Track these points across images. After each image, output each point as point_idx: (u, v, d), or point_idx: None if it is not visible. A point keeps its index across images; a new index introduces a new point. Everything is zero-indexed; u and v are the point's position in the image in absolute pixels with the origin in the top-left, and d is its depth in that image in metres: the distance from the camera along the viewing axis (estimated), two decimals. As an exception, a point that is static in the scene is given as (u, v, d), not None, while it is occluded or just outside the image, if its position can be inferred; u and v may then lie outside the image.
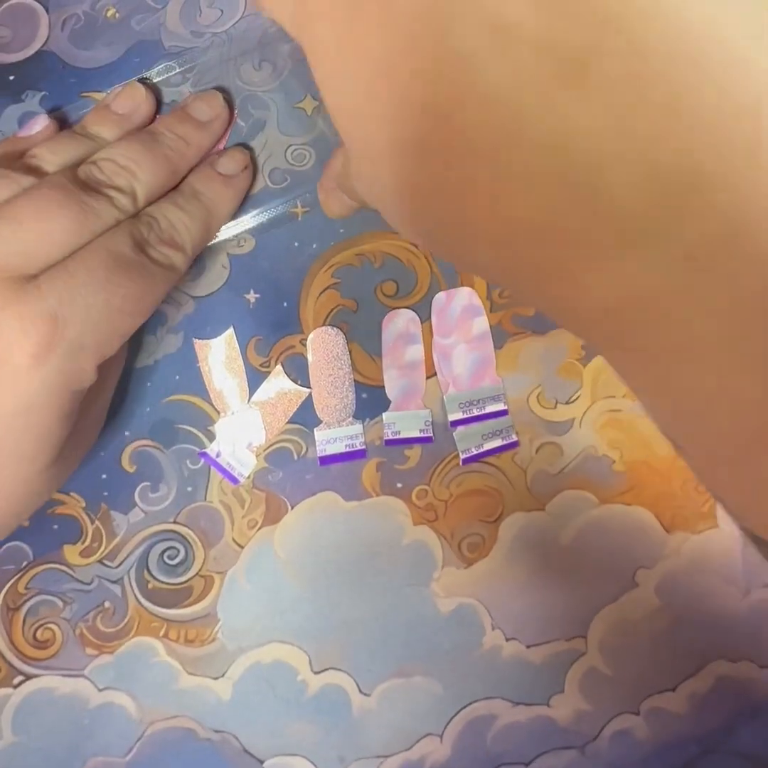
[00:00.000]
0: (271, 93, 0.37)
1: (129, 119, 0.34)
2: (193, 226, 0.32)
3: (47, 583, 0.35)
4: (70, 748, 0.35)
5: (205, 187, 0.33)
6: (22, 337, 0.26)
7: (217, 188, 0.34)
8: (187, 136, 0.33)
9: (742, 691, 0.35)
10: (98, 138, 0.33)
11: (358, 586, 0.35)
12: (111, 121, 0.34)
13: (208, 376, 0.36)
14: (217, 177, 0.34)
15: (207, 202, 0.33)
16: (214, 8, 0.38)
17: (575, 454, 0.35)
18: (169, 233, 0.31)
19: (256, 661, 0.35)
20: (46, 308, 0.26)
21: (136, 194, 0.31)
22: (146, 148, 0.32)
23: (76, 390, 0.28)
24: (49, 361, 0.26)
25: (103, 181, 0.30)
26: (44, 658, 0.35)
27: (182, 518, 0.35)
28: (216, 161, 0.34)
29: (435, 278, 0.36)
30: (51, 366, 0.27)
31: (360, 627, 0.35)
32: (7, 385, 0.26)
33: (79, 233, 0.28)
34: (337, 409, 0.35)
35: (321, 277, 0.36)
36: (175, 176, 0.33)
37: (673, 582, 0.35)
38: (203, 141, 0.34)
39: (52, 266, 0.27)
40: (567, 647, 0.35)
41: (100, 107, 0.34)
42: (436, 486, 0.35)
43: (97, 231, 0.29)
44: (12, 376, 0.26)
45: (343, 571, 0.35)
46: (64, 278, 0.27)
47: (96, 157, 0.31)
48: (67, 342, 0.27)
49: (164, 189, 0.32)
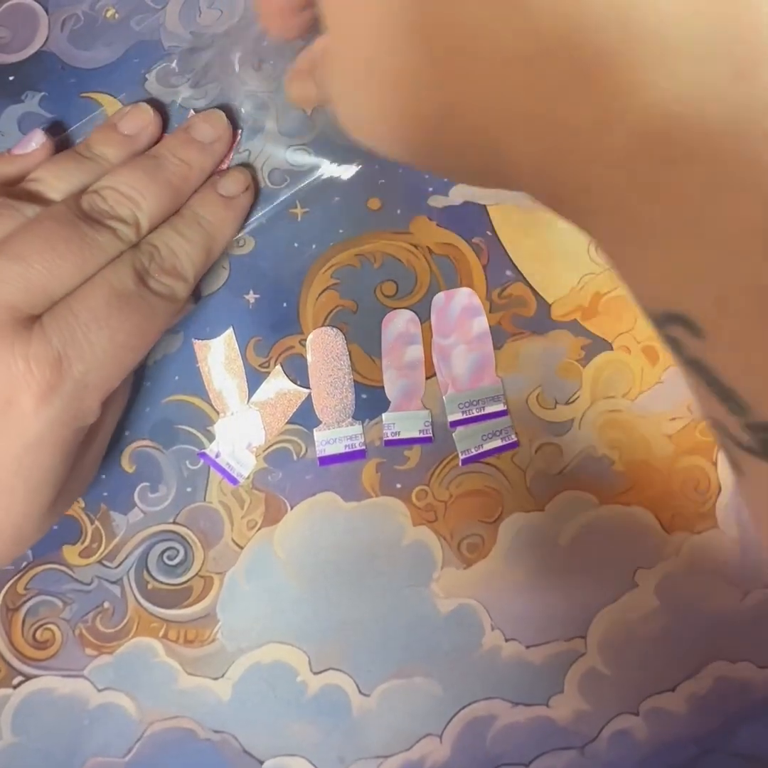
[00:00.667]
0: (271, 93, 0.37)
1: (135, 141, 0.34)
2: (195, 253, 0.32)
3: (47, 584, 0.35)
4: (69, 748, 0.35)
5: (207, 210, 0.33)
6: (29, 378, 0.26)
7: (219, 211, 0.33)
8: (190, 160, 0.33)
9: (742, 692, 0.35)
10: (102, 159, 0.33)
11: (358, 586, 0.35)
12: (117, 142, 0.33)
13: (207, 377, 0.36)
14: (218, 200, 0.34)
15: (208, 227, 0.33)
16: (214, 8, 0.38)
17: (575, 454, 0.35)
18: (170, 262, 0.31)
19: (255, 661, 0.35)
20: (51, 350, 0.27)
21: (139, 224, 0.31)
22: (149, 175, 0.32)
23: (80, 427, 0.29)
24: (54, 401, 0.27)
25: (107, 212, 0.30)
26: (44, 658, 0.35)
27: (182, 519, 0.35)
28: (217, 182, 0.34)
29: (434, 278, 0.36)
30: (57, 406, 0.27)
31: (360, 627, 0.35)
32: (15, 427, 0.27)
33: (83, 269, 0.28)
34: (337, 409, 0.35)
35: (321, 278, 0.36)
36: (178, 201, 0.33)
37: (672, 582, 0.35)
38: (206, 163, 0.34)
39: (56, 303, 0.28)
40: (566, 647, 0.35)
41: (107, 127, 0.34)
42: (435, 486, 0.35)
43: (101, 264, 0.29)
44: (19, 417, 0.27)
45: (342, 571, 0.35)
46: (68, 318, 0.27)
47: (99, 185, 0.31)
48: (73, 381, 0.27)
49: (167, 214, 0.32)
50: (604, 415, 0.36)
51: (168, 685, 0.35)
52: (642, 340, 0.36)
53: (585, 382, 0.36)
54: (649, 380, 0.36)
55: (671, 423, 0.36)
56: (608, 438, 0.36)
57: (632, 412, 0.36)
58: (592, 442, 0.35)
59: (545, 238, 0.37)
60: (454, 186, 0.37)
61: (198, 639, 0.35)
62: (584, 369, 0.36)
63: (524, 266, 0.37)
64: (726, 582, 0.35)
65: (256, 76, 0.38)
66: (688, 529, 0.35)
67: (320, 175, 0.36)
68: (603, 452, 0.35)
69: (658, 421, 0.36)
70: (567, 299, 0.36)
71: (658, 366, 0.36)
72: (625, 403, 0.36)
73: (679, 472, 0.35)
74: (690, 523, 0.35)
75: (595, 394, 0.36)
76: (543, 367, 0.36)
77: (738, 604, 0.35)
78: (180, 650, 0.35)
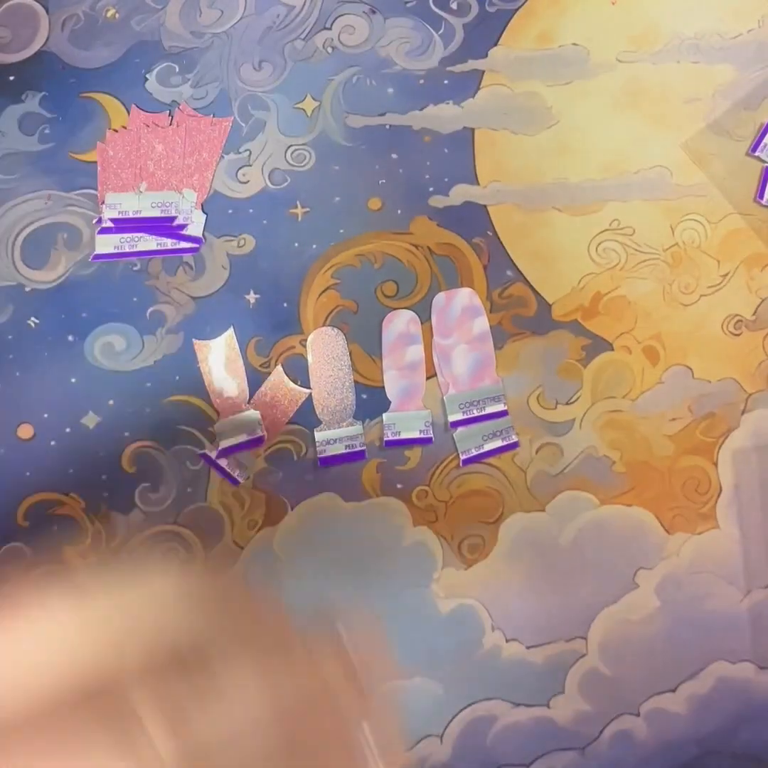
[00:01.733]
0: (271, 93, 0.37)
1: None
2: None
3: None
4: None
5: None
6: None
7: None
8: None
9: (742, 693, 0.35)
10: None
11: (358, 586, 0.35)
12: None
13: (208, 377, 0.35)
14: None
15: None
16: (214, 8, 0.38)
17: (575, 454, 0.35)
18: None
19: (256, 661, 0.35)
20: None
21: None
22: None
23: None
24: None
25: None
26: (44, 658, 0.35)
27: (182, 519, 0.35)
28: None
29: (435, 279, 0.36)
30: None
31: (360, 627, 0.35)
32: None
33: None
34: (337, 409, 0.35)
35: (321, 278, 0.36)
36: None
37: (673, 583, 0.35)
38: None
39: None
40: (567, 648, 0.35)
41: None
42: (436, 487, 0.35)
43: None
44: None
45: (342, 571, 0.35)
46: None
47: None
48: None
49: None
50: (605, 416, 0.36)
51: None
52: (643, 340, 0.36)
53: (586, 382, 0.36)
54: (649, 380, 0.36)
55: (672, 423, 0.36)
56: (609, 438, 0.36)
57: (633, 412, 0.36)
58: (592, 442, 0.35)
59: (545, 238, 0.37)
60: (455, 186, 0.37)
61: (198, 639, 0.35)
62: (585, 369, 0.36)
63: (524, 266, 0.37)
64: (726, 582, 0.35)
65: (256, 76, 0.38)
66: (689, 529, 0.35)
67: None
68: (604, 452, 0.35)
69: (659, 421, 0.36)
70: (567, 299, 0.36)
71: (659, 366, 0.36)
72: (625, 403, 0.36)
73: (680, 473, 0.35)
74: (690, 524, 0.35)
75: (596, 395, 0.36)
76: (543, 367, 0.36)
77: (738, 604, 0.35)
78: (180, 650, 0.35)
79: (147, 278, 0.36)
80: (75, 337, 0.36)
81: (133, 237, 0.36)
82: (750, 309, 0.36)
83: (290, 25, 0.38)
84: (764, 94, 0.38)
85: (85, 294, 0.36)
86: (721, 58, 0.38)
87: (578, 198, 0.37)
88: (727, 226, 0.37)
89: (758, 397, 0.36)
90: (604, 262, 0.37)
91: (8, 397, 0.35)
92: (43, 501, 0.35)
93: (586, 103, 0.38)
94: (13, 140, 0.37)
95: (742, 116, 0.38)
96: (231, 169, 0.37)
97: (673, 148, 0.38)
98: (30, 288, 0.36)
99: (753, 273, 0.37)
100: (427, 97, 0.38)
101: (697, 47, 0.38)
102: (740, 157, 0.37)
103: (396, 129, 0.37)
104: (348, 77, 0.38)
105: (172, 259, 0.36)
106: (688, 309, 0.36)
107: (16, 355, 0.36)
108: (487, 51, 0.38)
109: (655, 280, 0.36)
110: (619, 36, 0.38)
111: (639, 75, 0.38)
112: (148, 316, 0.36)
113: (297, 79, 0.38)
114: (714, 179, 0.37)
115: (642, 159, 0.37)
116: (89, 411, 0.35)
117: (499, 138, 0.38)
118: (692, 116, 0.38)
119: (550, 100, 0.38)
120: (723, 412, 0.36)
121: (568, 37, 0.38)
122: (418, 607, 0.35)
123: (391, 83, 0.38)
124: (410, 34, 0.38)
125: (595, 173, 0.37)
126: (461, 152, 0.37)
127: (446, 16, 0.38)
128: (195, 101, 0.37)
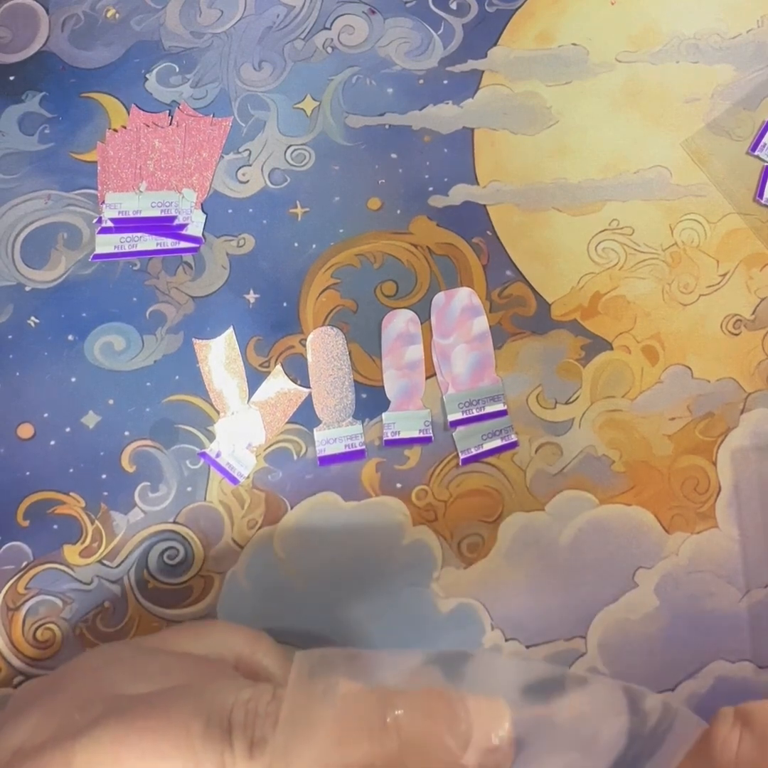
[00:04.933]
0: (271, 93, 0.38)
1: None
2: None
3: (47, 583, 0.35)
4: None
5: None
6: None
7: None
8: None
9: (742, 692, 0.35)
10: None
11: (358, 586, 0.35)
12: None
13: (208, 376, 0.36)
14: None
15: None
16: (214, 8, 0.38)
17: (575, 454, 0.35)
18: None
19: (255, 661, 0.35)
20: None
21: None
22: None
23: None
24: None
25: None
26: (44, 658, 0.35)
27: (182, 518, 0.35)
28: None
29: (435, 278, 0.36)
30: None
31: (360, 627, 0.35)
32: None
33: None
34: (337, 409, 0.35)
35: (321, 278, 0.36)
36: None
37: (672, 582, 0.35)
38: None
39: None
40: (567, 647, 0.35)
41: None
42: (435, 486, 0.35)
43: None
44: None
45: (342, 571, 0.35)
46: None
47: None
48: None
49: None
50: (604, 415, 0.36)
51: (168, 684, 0.35)
52: (642, 339, 0.36)
53: (585, 381, 0.36)
54: (649, 380, 0.36)
55: (671, 423, 0.36)
56: (608, 438, 0.36)
57: (632, 411, 0.36)
58: (592, 441, 0.36)
59: (545, 238, 0.37)
60: (454, 186, 0.37)
61: (198, 638, 0.35)
62: (584, 369, 0.36)
63: (524, 266, 0.37)
64: (726, 582, 0.35)
65: (256, 76, 0.38)
66: (688, 529, 0.35)
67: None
68: (603, 452, 0.35)
69: (658, 421, 0.36)
70: (567, 299, 0.36)
71: (658, 366, 0.36)
72: (625, 402, 0.36)
73: (679, 472, 0.35)
74: (690, 524, 0.35)
75: (595, 394, 0.36)
76: (543, 366, 0.36)
77: (738, 604, 0.35)
78: (180, 650, 0.35)
79: (147, 278, 0.36)
80: (75, 336, 0.36)
81: (133, 237, 0.36)
82: (749, 309, 0.37)
83: (290, 25, 0.38)
84: (764, 94, 0.38)
85: (85, 294, 0.36)
86: (720, 58, 0.38)
87: (578, 198, 0.37)
88: (727, 226, 0.37)
89: (757, 396, 0.36)
90: (603, 262, 0.37)
91: (8, 396, 0.35)
92: (43, 500, 0.35)
93: (586, 103, 0.38)
94: (13, 140, 0.37)
95: (742, 116, 0.38)
96: (231, 169, 0.37)
97: (672, 148, 0.38)
98: (30, 288, 0.36)
99: (752, 273, 0.37)
100: (426, 97, 0.38)
101: (696, 47, 0.38)
102: (740, 156, 0.38)
103: (395, 129, 0.37)
104: (348, 77, 0.38)
105: (172, 258, 0.36)
106: (687, 309, 0.36)
107: (16, 354, 0.36)
108: (487, 51, 0.38)
109: (655, 280, 0.37)
110: (618, 36, 0.38)
111: (638, 75, 0.38)
112: (148, 315, 0.36)
113: (297, 79, 0.38)
114: (713, 179, 0.37)
115: (641, 159, 0.38)
116: (89, 410, 0.35)
117: (498, 138, 0.38)
118: (691, 116, 0.38)
119: (549, 100, 0.38)
120: (722, 412, 0.36)
121: (567, 37, 0.38)
122: (418, 606, 0.35)
123: (391, 83, 0.38)
124: (410, 34, 0.38)
125: (595, 173, 0.37)
126: (461, 152, 0.37)
127: (446, 16, 0.38)
128: (195, 101, 0.37)
